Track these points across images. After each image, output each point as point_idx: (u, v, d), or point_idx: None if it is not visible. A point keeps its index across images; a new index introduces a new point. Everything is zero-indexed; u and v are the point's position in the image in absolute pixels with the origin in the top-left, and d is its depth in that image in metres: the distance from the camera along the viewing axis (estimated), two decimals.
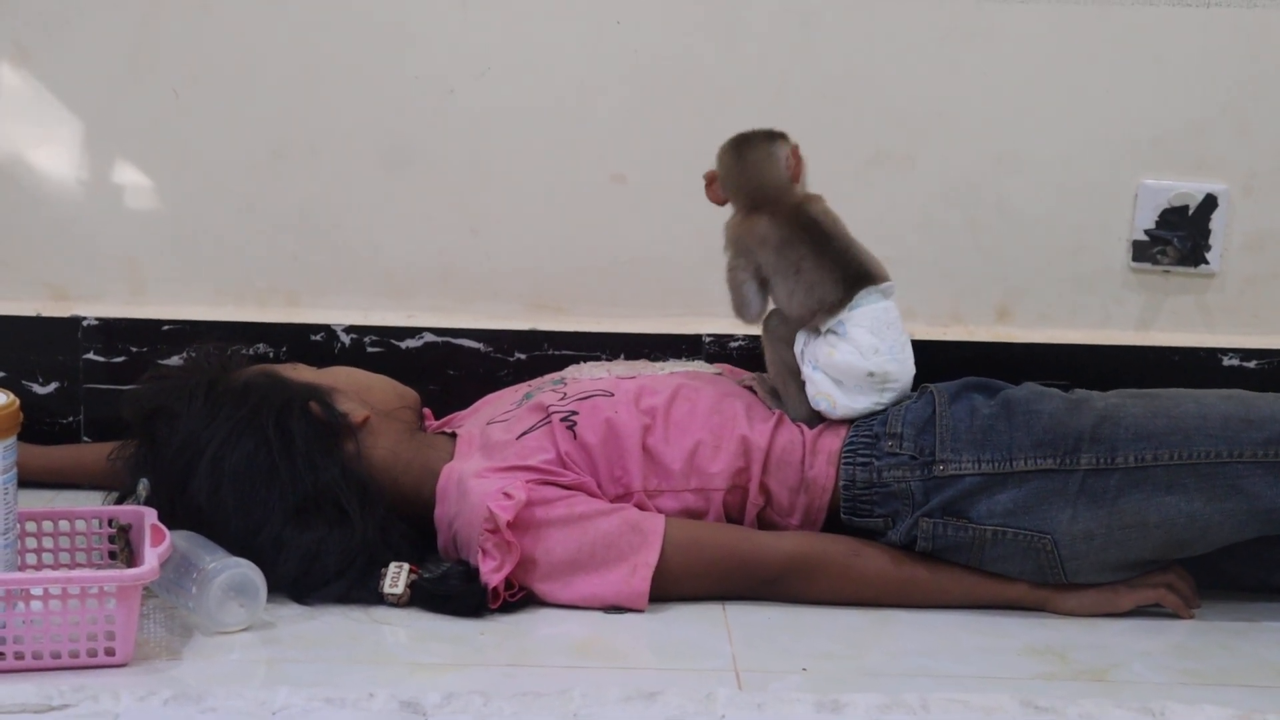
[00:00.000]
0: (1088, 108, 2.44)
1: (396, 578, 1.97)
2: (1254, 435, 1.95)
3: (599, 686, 1.73)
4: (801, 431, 2.09)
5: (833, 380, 2.08)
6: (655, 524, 1.99)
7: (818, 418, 2.10)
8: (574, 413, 2.07)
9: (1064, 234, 2.48)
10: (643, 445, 2.06)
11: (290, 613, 1.94)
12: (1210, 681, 1.84)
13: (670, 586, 1.98)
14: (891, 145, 2.45)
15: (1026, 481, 1.99)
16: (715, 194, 2.15)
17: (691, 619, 1.96)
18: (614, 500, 2.04)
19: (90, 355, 2.45)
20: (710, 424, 2.08)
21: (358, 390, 2.13)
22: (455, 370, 2.46)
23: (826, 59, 2.43)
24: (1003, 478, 2.00)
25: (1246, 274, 2.49)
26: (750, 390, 2.17)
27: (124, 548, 1.95)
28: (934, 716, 1.69)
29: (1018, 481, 1.99)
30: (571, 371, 2.25)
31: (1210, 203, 2.45)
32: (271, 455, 1.99)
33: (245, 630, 1.88)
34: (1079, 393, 2.08)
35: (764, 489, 2.06)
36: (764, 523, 2.07)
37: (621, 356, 2.42)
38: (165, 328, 2.45)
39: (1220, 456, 1.95)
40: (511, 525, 1.94)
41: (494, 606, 1.95)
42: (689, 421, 2.08)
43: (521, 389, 2.24)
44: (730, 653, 1.87)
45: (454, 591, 1.95)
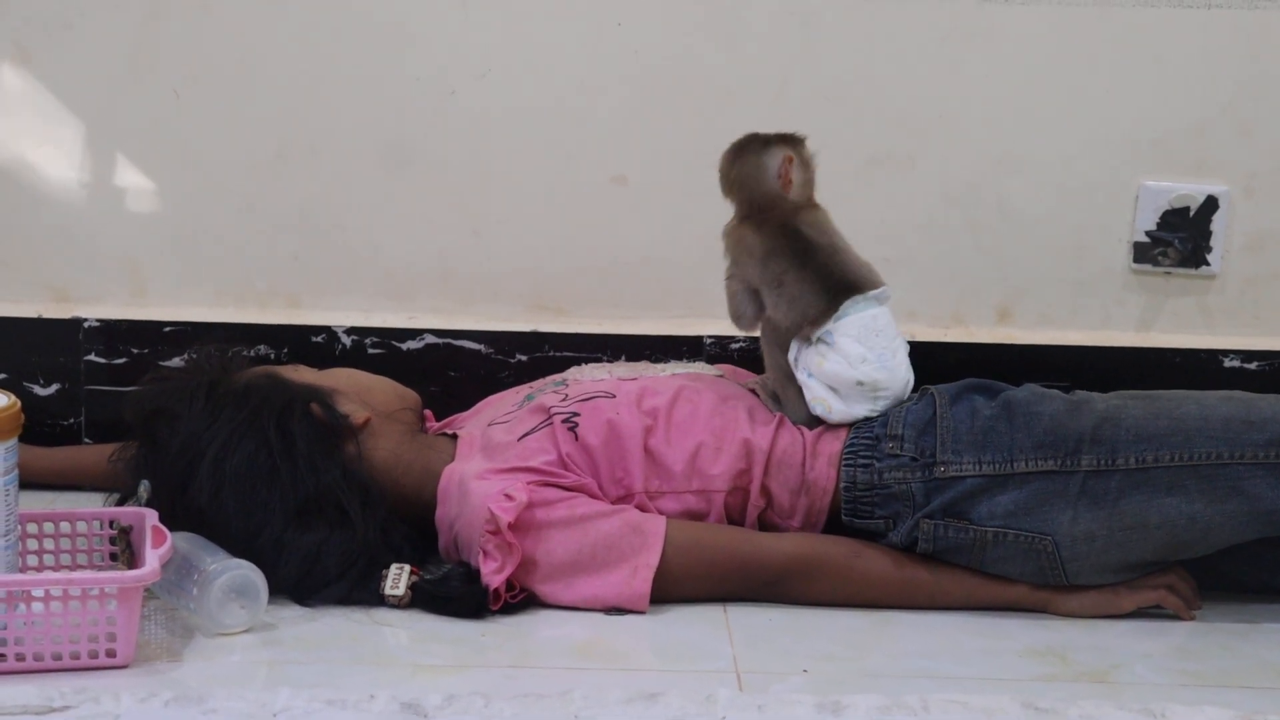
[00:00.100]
0: (1088, 109, 2.44)
1: (398, 579, 1.97)
2: (1255, 437, 1.95)
3: (600, 688, 1.73)
4: (802, 433, 2.09)
5: (828, 387, 2.07)
6: (656, 525, 1.99)
7: (817, 420, 2.10)
8: (575, 414, 2.07)
9: (1065, 235, 2.48)
10: (644, 446, 2.06)
11: (291, 614, 1.94)
12: (1211, 683, 1.84)
13: (671, 588, 1.98)
14: (892, 146, 2.45)
15: (1027, 483, 1.99)
16: None
17: (692, 620, 1.96)
18: (615, 501, 2.04)
19: (91, 357, 2.45)
20: (712, 426, 2.08)
21: (359, 392, 2.13)
22: (456, 372, 2.46)
23: (827, 60, 2.43)
24: (1003, 479, 2.00)
25: (1247, 275, 2.49)
26: (753, 393, 2.17)
27: (125, 549, 1.95)
28: (935, 718, 1.69)
29: (1018, 483, 1.99)
30: (573, 373, 2.25)
31: (1211, 204, 2.45)
32: (272, 457, 1.99)
33: (246, 632, 1.88)
34: (1080, 394, 2.08)
35: (765, 491, 2.06)
36: (765, 524, 2.07)
37: (623, 358, 2.42)
38: (166, 329, 2.45)
39: (1221, 458, 1.95)
40: (513, 526, 1.94)
41: (495, 608, 1.95)
42: (691, 423, 2.08)
43: (523, 390, 2.24)
44: (731, 654, 1.87)
45: (455, 593, 1.95)
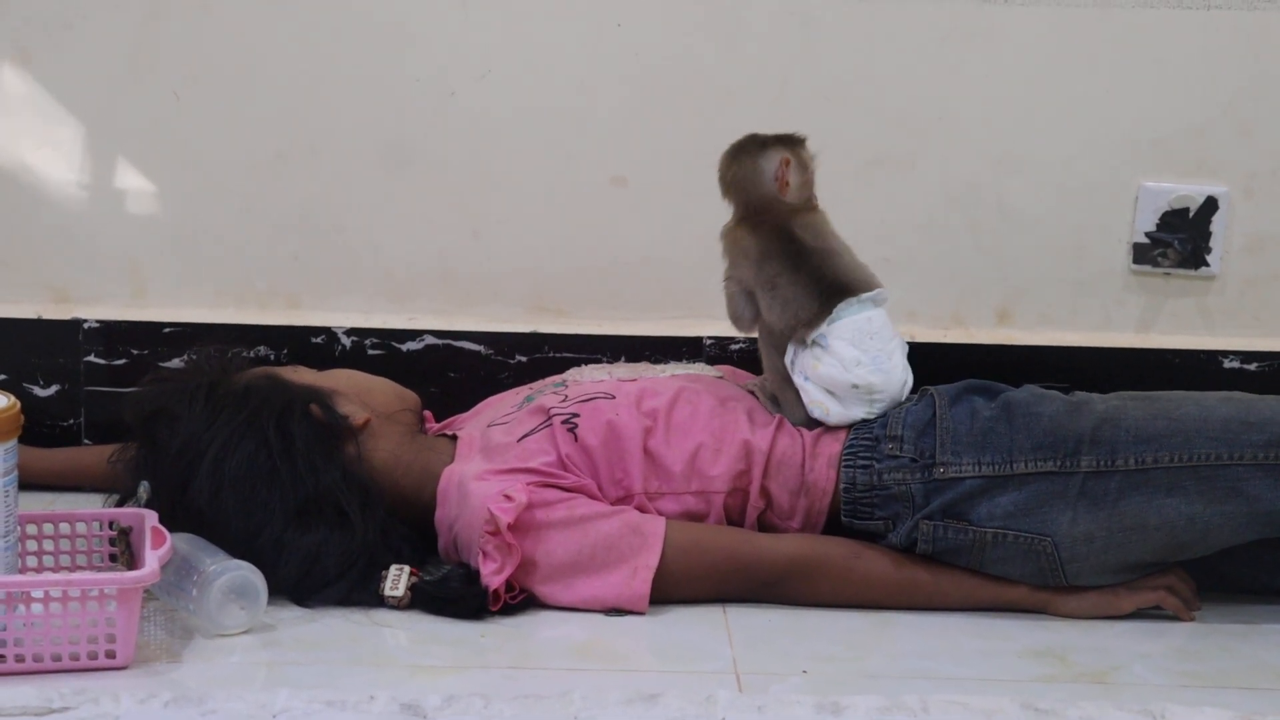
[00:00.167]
0: (1088, 110, 2.44)
1: (397, 580, 1.97)
2: (1254, 438, 1.95)
3: (599, 689, 1.73)
4: (802, 435, 2.08)
5: (824, 391, 2.07)
6: (656, 526, 1.99)
7: (817, 421, 2.10)
8: (575, 415, 2.07)
9: (1064, 236, 2.48)
10: (644, 447, 2.06)
11: (291, 615, 1.94)
12: (1210, 684, 1.84)
13: (671, 589, 1.98)
14: (892, 147, 2.45)
15: (1027, 484, 1.99)
16: None
17: (692, 621, 1.96)
18: (615, 502, 2.04)
19: (91, 358, 2.45)
20: (711, 427, 2.08)
21: (358, 393, 2.13)
22: (456, 373, 2.46)
23: (827, 60, 2.43)
24: (1003, 480, 2.00)
25: (1247, 276, 2.49)
26: (751, 395, 2.17)
27: (124, 550, 1.95)
28: (934, 718, 1.69)
29: (1018, 484, 1.99)
30: (573, 374, 2.25)
31: (1211, 205, 2.45)
32: (272, 457, 1.99)
33: (246, 633, 1.88)
34: (1079, 395, 2.08)
35: (764, 492, 2.06)
36: (764, 525, 2.07)
37: (622, 359, 2.42)
38: (166, 330, 2.45)
39: (1220, 459, 1.95)
40: (512, 527, 1.94)
41: (494, 609, 1.94)
42: (690, 424, 2.08)
43: (522, 391, 2.24)
44: (731, 655, 1.87)
45: (454, 594, 1.95)
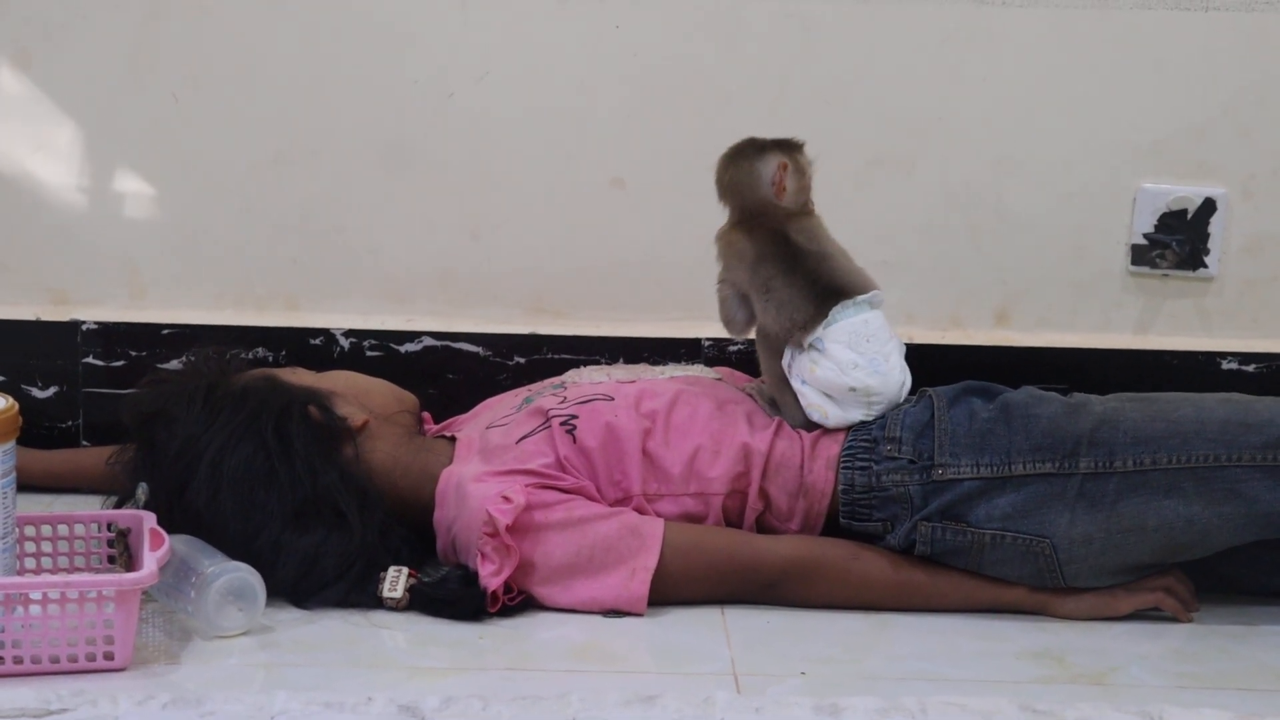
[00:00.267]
0: (1087, 111, 2.44)
1: (395, 582, 1.96)
2: (1252, 439, 1.95)
3: (597, 690, 1.73)
4: (800, 436, 2.08)
5: (822, 394, 2.07)
6: (654, 528, 1.99)
7: (815, 423, 2.10)
8: (574, 416, 2.07)
9: (1063, 238, 2.48)
10: (642, 449, 2.06)
11: (289, 617, 1.94)
12: (1209, 685, 1.84)
13: (669, 590, 1.98)
14: (891, 149, 2.45)
15: (1025, 485, 1.99)
16: None
17: (690, 623, 1.96)
18: (613, 504, 2.04)
19: (89, 359, 2.45)
20: (710, 429, 2.08)
21: (357, 394, 2.13)
22: (454, 374, 2.46)
23: (826, 62, 2.43)
24: (1001, 481, 2.00)
25: (1245, 278, 2.49)
26: (750, 397, 2.17)
27: (123, 552, 1.95)
28: None
29: (1016, 485, 1.99)
30: (571, 375, 2.25)
31: (1209, 206, 2.45)
32: (270, 459, 1.99)
33: (244, 634, 1.88)
34: (1077, 397, 2.08)
35: (763, 493, 2.06)
36: (763, 527, 2.07)
37: (621, 360, 2.42)
38: (164, 332, 2.45)
39: (1219, 460, 1.95)
40: (510, 529, 1.94)
41: (493, 610, 1.94)
42: (689, 426, 2.08)
43: (521, 393, 2.23)
44: (729, 656, 1.87)
45: (453, 595, 1.95)
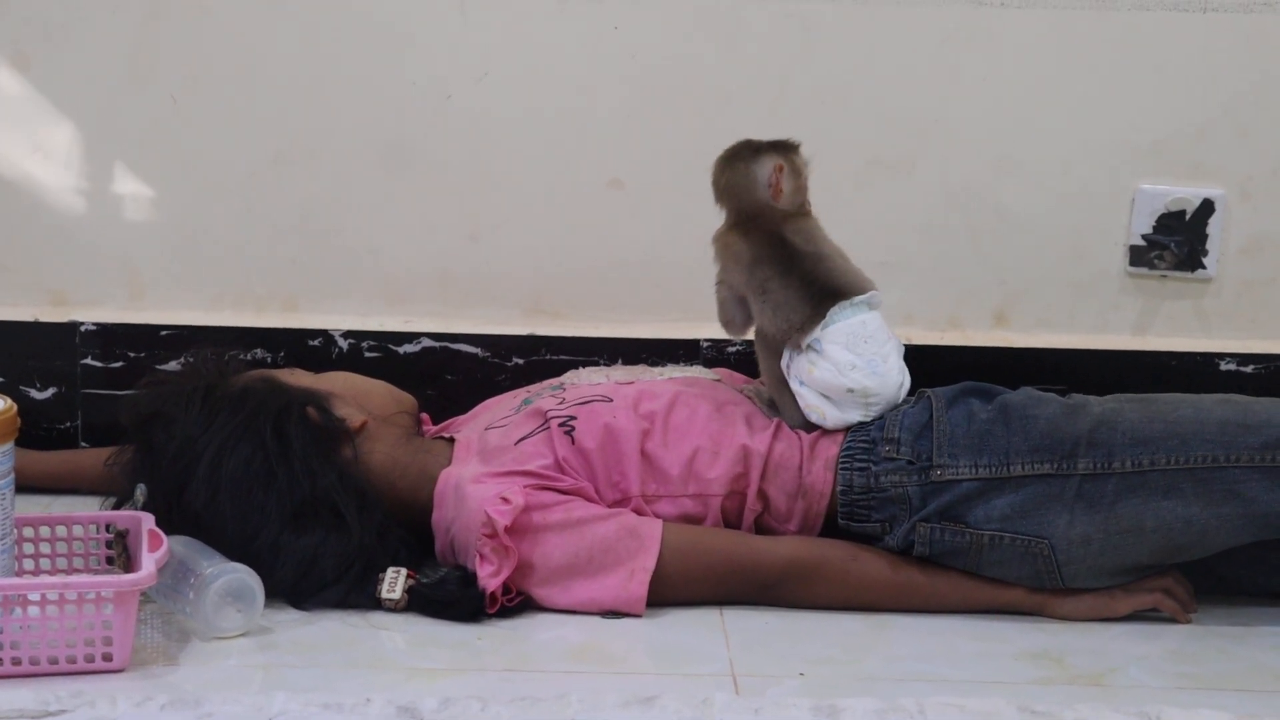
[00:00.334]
0: (1085, 113, 2.44)
1: (394, 583, 1.97)
2: (1251, 440, 1.95)
3: (596, 691, 1.73)
4: (799, 437, 2.08)
5: (820, 395, 2.07)
6: (653, 529, 1.99)
7: (814, 424, 2.10)
8: (572, 418, 2.07)
9: (1062, 239, 2.48)
10: (641, 450, 2.06)
11: (287, 618, 1.94)
12: (1207, 686, 1.84)
13: (668, 591, 1.98)
14: (890, 150, 2.45)
15: (1023, 486, 1.99)
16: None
17: (689, 624, 1.96)
18: (612, 505, 2.04)
19: (88, 360, 2.45)
20: (709, 430, 2.08)
21: (355, 395, 2.13)
22: (453, 375, 2.46)
23: (826, 63, 2.43)
24: (1000, 482, 2.00)
25: (1243, 279, 2.49)
26: (749, 398, 2.17)
27: (121, 553, 1.95)
28: None
29: (1015, 486, 1.99)
30: (570, 377, 2.25)
31: (1207, 208, 2.45)
32: (269, 460, 1.99)
33: (242, 635, 1.88)
34: (1076, 398, 2.08)
35: (762, 495, 2.06)
36: (761, 528, 2.07)
37: (619, 361, 2.42)
38: (163, 333, 2.45)
39: (1217, 461, 1.95)
40: (509, 530, 1.94)
41: (491, 611, 1.94)
42: (688, 427, 2.08)
43: (520, 394, 2.23)
44: (727, 657, 1.87)
45: (451, 597, 1.95)
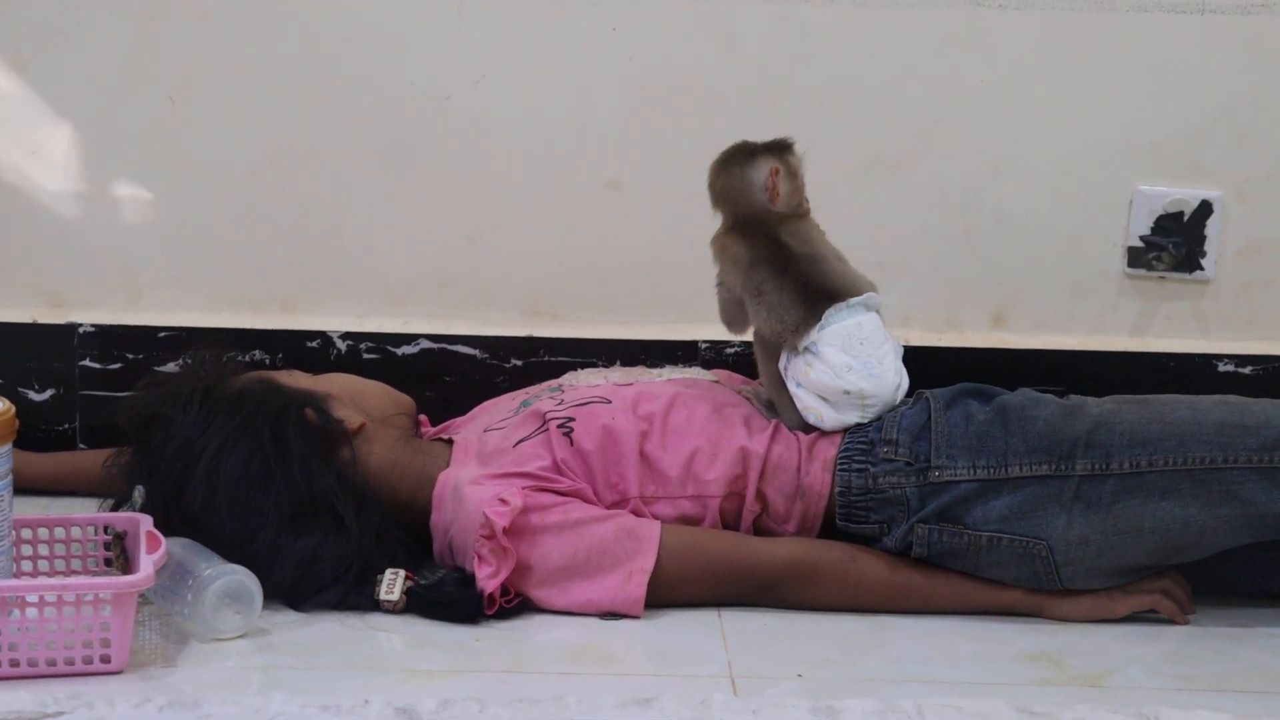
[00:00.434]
0: (1084, 114, 2.44)
1: (392, 584, 1.97)
2: (1249, 441, 1.95)
3: (594, 693, 1.72)
4: (798, 439, 2.08)
5: (818, 397, 2.07)
6: (651, 530, 1.99)
7: (812, 426, 2.10)
8: (571, 419, 2.07)
9: (1060, 240, 2.48)
10: (640, 451, 2.06)
11: (286, 619, 1.93)
12: (1206, 687, 1.84)
13: (666, 592, 1.98)
14: (889, 152, 2.45)
15: (1022, 487, 1.99)
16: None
17: (687, 625, 1.96)
18: (610, 506, 2.04)
19: (86, 362, 2.45)
20: (708, 431, 2.08)
21: (353, 397, 2.13)
22: (451, 377, 2.46)
23: (823, 65, 2.43)
24: (998, 484, 2.00)
25: (1241, 280, 2.49)
26: (748, 400, 2.17)
27: (119, 555, 1.95)
28: None
29: (1013, 487, 1.99)
30: (569, 379, 2.25)
31: (1205, 209, 2.45)
32: (267, 462, 1.99)
33: (241, 637, 1.88)
34: (1074, 399, 2.08)
35: (760, 496, 2.06)
36: (760, 529, 2.07)
37: (618, 363, 2.42)
38: (161, 334, 2.45)
39: (1215, 462, 1.95)
40: (507, 531, 1.94)
41: (490, 613, 1.94)
42: (687, 428, 2.08)
43: (519, 396, 2.24)
44: (726, 659, 1.87)
45: (450, 598, 1.95)
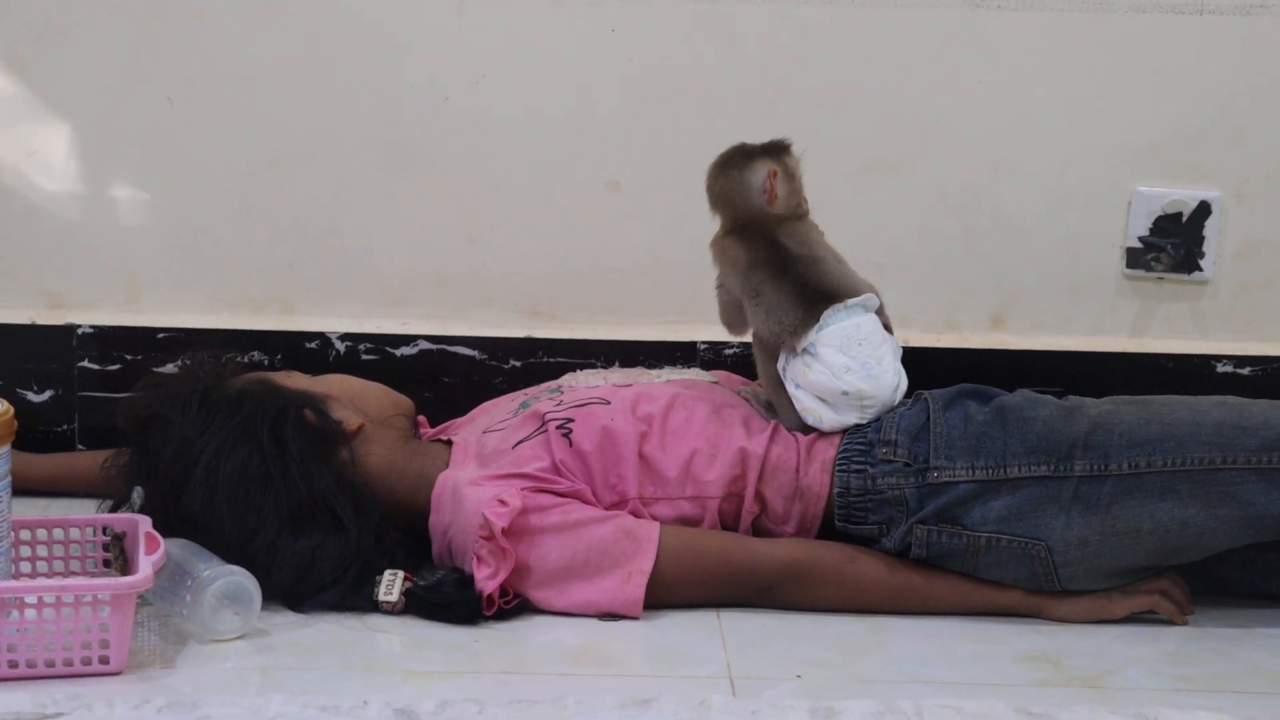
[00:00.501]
0: (1082, 115, 2.44)
1: (391, 585, 1.97)
2: (1248, 442, 1.95)
3: (593, 694, 1.73)
4: (796, 439, 2.08)
5: (816, 398, 2.07)
6: (650, 531, 1.99)
7: (811, 426, 2.10)
8: (570, 420, 2.07)
9: (1059, 241, 2.48)
10: (639, 452, 2.06)
11: (285, 620, 1.93)
12: (1204, 688, 1.84)
13: (665, 593, 1.98)
14: (887, 152, 2.45)
15: (1020, 488, 1.99)
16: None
17: (686, 626, 1.96)
18: (609, 507, 2.04)
19: (85, 363, 2.45)
20: (707, 432, 2.08)
21: (352, 398, 2.13)
22: (450, 378, 2.46)
23: (823, 65, 2.43)
24: (997, 484, 2.00)
25: (1240, 281, 2.49)
26: (746, 401, 2.17)
27: (118, 556, 1.95)
28: None
29: (1012, 488, 1.99)
30: (568, 379, 2.25)
31: (1204, 210, 2.45)
32: (266, 463, 1.99)
33: (239, 638, 1.88)
34: (1073, 400, 2.08)
35: (759, 497, 2.06)
36: (759, 530, 2.07)
37: (617, 364, 2.42)
38: (160, 335, 2.45)
39: (1214, 463, 1.95)
40: (506, 532, 1.94)
41: (489, 614, 1.94)
42: (686, 429, 2.08)
43: (518, 397, 2.23)
44: (725, 660, 1.87)
45: (449, 599, 1.95)
